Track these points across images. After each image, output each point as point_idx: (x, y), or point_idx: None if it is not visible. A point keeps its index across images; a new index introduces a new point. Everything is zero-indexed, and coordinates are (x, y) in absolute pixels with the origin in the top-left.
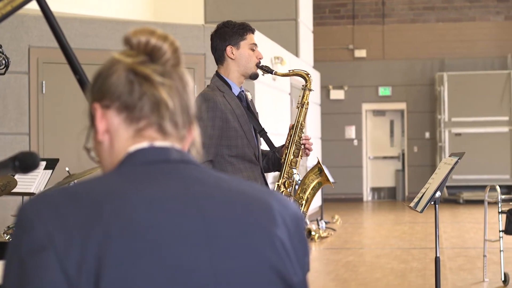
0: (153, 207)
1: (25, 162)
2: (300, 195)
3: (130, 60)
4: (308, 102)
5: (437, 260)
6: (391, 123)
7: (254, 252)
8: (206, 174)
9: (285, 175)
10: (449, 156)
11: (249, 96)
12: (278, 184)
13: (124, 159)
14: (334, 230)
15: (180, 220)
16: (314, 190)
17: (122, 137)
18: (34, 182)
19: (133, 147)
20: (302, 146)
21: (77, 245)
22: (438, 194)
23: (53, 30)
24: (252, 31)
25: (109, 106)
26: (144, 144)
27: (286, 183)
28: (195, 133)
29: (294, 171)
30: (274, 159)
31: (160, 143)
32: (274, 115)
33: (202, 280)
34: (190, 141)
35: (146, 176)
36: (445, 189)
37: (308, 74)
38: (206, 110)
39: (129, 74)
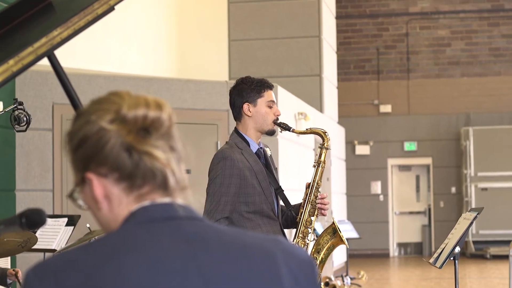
0: (153, 267)
1: (32, 219)
2: (314, 255)
3: (130, 138)
4: (325, 161)
5: None
6: (417, 178)
7: None
8: (207, 229)
9: (299, 235)
10: (469, 211)
11: (268, 152)
12: None
13: (127, 219)
14: (359, 286)
15: (180, 280)
16: (329, 251)
17: (123, 203)
18: (55, 238)
19: (135, 207)
20: (317, 206)
21: None
22: (457, 249)
23: (64, 86)
24: (270, 88)
25: (107, 175)
26: (145, 202)
27: (300, 243)
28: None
29: (309, 230)
30: (291, 218)
31: (161, 199)
32: (298, 171)
33: None
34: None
35: (147, 235)
36: (471, 244)
37: (326, 132)
38: (223, 168)
39: (127, 146)
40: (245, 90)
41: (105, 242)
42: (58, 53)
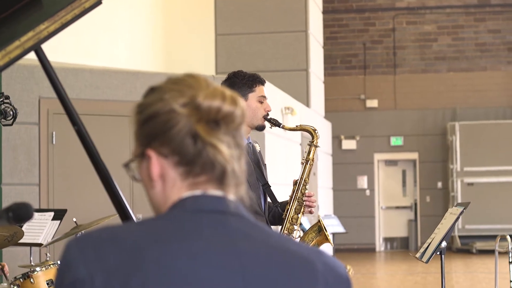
0: (195, 259)
1: (18, 213)
2: None
3: (199, 127)
4: (313, 158)
5: None
6: (403, 173)
7: None
8: (254, 229)
9: (285, 231)
10: (455, 206)
11: (257, 148)
12: None
13: (176, 204)
14: None
15: (221, 274)
16: None
17: (176, 186)
18: (42, 232)
19: (186, 194)
20: (304, 203)
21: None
22: (444, 244)
23: (51, 80)
24: (262, 83)
25: (167, 156)
26: (197, 191)
27: None
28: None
29: (295, 227)
30: (278, 214)
31: (213, 191)
32: (285, 166)
33: None
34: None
35: (193, 225)
36: (457, 239)
37: (315, 130)
38: None
39: (194, 133)
40: (237, 84)
41: (151, 225)
42: (45, 47)
